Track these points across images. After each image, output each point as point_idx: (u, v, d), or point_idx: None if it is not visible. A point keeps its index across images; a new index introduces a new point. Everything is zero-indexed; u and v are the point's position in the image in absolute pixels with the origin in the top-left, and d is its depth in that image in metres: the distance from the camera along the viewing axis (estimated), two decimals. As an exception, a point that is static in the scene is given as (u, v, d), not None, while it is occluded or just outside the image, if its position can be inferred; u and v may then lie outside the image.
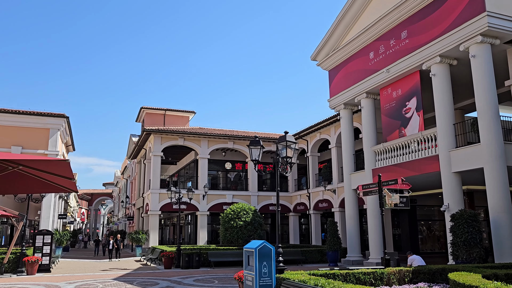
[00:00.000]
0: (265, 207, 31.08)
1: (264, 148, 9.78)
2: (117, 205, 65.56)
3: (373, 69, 19.25)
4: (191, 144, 29.97)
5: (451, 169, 15.07)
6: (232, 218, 23.71)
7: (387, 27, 18.35)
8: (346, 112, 21.84)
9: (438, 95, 15.79)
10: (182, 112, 38.99)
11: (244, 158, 32.53)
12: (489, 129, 13.75)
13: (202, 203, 29.32)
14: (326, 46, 22.35)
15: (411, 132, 17.28)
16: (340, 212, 24.84)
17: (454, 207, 14.81)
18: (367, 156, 19.73)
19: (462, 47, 14.76)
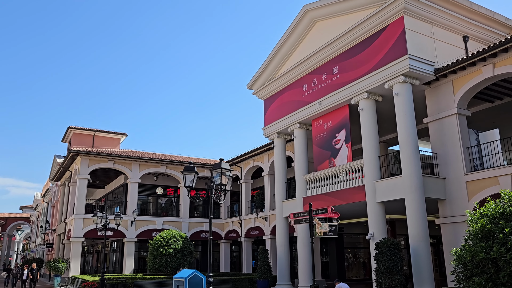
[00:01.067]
0: (196, 234, 30.48)
1: (198, 174, 9.69)
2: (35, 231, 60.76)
3: (306, 101, 20.04)
4: (121, 168, 28.87)
5: (376, 199, 15.90)
6: (161, 245, 22.94)
7: (319, 62, 19.30)
8: (280, 141, 22.38)
9: (365, 128, 16.75)
10: (113, 134, 37.55)
11: (177, 183, 31.90)
12: (409, 162, 14.77)
13: (130, 230, 28.10)
14: (262, 76, 22.96)
15: (340, 162, 18.06)
16: (271, 240, 25.01)
17: (378, 235, 15.55)
18: (299, 184, 20.24)
19: (387, 85, 15.89)
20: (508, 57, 13.81)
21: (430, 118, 16.10)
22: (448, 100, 15.56)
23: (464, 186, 14.64)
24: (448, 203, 15.11)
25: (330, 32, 18.69)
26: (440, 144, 15.65)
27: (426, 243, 14.14)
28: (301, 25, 20.35)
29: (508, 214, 7.34)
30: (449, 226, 14.86)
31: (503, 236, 6.94)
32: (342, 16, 18.36)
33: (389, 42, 15.86)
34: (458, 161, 14.96)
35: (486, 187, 14.00)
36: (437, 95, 16.02)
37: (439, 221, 15.24)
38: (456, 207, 14.80)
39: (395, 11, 15.53)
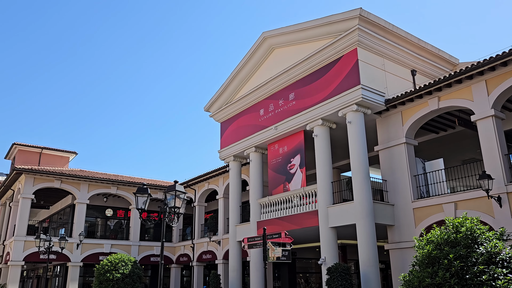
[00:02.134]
0: (146, 258, 29.49)
1: (151, 196, 9.47)
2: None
3: (263, 125, 20.27)
4: (69, 188, 27.63)
5: (328, 224, 16.15)
6: (108, 270, 21.90)
7: (277, 87, 19.69)
8: (235, 164, 22.37)
9: (319, 154, 17.13)
10: (62, 152, 35.96)
11: (128, 205, 30.92)
12: (361, 188, 15.20)
13: (75, 253, 26.73)
14: (220, 99, 23.06)
15: (294, 187, 18.27)
16: (224, 264, 24.63)
17: (330, 260, 15.73)
18: (253, 208, 20.22)
19: (341, 113, 16.42)
20: (452, 91, 14.74)
21: (381, 146, 16.74)
22: (397, 129, 16.28)
23: (411, 212, 15.22)
24: (396, 229, 15.61)
25: (287, 60, 19.18)
26: (389, 172, 16.26)
27: (376, 268, 14.46)
28: (260, 51, 20.76)
29: (452, 241, 7.68)
30: (397, 251, 15.31)
31: (448, 262, 7.24)
32: (299, 45, 18.93)
33: (343, 72, 16.49)
34: (406, 189, 15.57)
35: (431, 214, 14.63)
36: (387, 124, 16.73)
37: (388, 247, 15.67)
38: (404, 233, 15.31)
39: (349, 43, 16.24)
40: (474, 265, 7.08)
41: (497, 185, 12.90)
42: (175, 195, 9.02)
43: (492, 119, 13.54)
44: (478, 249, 7.29)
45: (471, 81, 14.15)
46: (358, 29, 15.82)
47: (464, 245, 7.44)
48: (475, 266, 7.06)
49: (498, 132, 13.47)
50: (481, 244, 7.40)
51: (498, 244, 7.32)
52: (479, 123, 13.86)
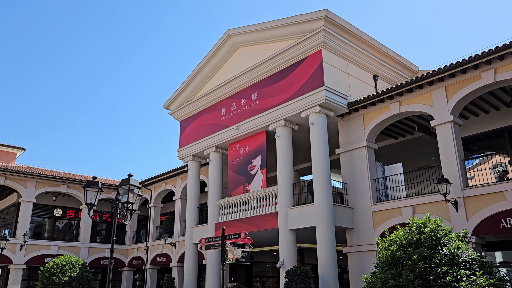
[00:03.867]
0: (96, 261, 28.08)
1: (102, 190, 8.77)
2: None
3: (224, 124, 19.80)
4: (14, 185, 25.88)
5: (288, 226, 15.88)
6: (54, 272, 20.58)
7: (239, 87, 19.30)
8: (194, 164, 21.74)
9: (281, 155, 16.87)
10: (8, 147, 33.76)
11: (78, 205, 29.39)
12: (322, 190, 15.04)
13: (18, 255, 25.01)
14: (180, 97, 22.38)
15: (254, 188, 17.91)
16: (179, 267, 23.82)
17: (288, 263, 15.44)
18: (211, 209, 19.65)
19: (303, 114, 16.25)
20: (412, 97, 14.92)
21: (342, 149, 16.71)
22: (359, 133, 16.31)
23: (371, 216, 15.23)
24: (355, 232, 15.56)
25: (251, 59, 18.85)
26: (350, 175, 16.23)
27: (335, 271, 14.31)
28: (223, 49, 20.32)
29: (415, 242, 7.54)
30: (356, 255, 15.26)
31: (412, 263, 7.07)
32: (264, 44, 18.66)
33: (307, 73, 16.35)
34: (365, 192, 15.58)
35: (390, 217, 14.68)
36: (349, 127, 16.73)
37: (347, 250, 15.60)
38: (362, 236, 15.29)
39: (314, 44, 16.12)
40: (438, 266, 6.96)
41: (454, 190, 13.10)
42: (128, 190, 8.37)
43: (450, 124, 13.78)
44: (441, 250, 7.19)
45: (431, 87, 14.38)
46: (324, 31, 15.75)
47: (428, 246, 7.31)
48: (438, 267, 6.94)
49: (456, 137, 13.72)
50: (444, 245, 7.30)
51: (461, 246, 7.24)
52: (438, 128, 14.07)
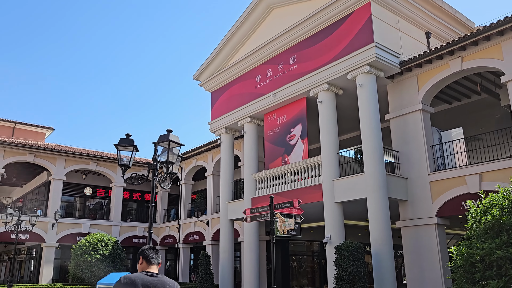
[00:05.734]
0: (128, 240, 27.53)
1: (138, 150, 7.58)
2: None
3: (259, 93, 18.41)
4: (43, 162, 25.36)
5: (334, 199, 14.51)
6: (86, 250, 20.01)
7: (276, 51, 17.81)
8: (227, 136, 20.50)
9: (324, 122, 15.40)
10: (37, 127, 33.54)
11: (108, 183, 28.79)
12: (373, 158, 13.56)
13: (50, 233, 24.60)
14: (211, 66, 21.05)
15: (294, 159, 16.56)
16: (213, 245, 22.92)
17: (336, 239, 14.13)
18: (247, 184, 18.45)
19: (350, 76, 14.67)
20: (477, 51, 13.12)
21: (393, 114, 15.10)
22: (412, 95, 14.64)
23: (428, 186, 13.67)
24: (410, 205, 14.06)
25: (288, 20, 17.27)
26: (402, 142, 14.65)
27: (390, 247, 12.92)
28: (257, 11, 18.78)
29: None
30: (411, 229, 13.79)
31: (526, 229, 5.59)
32: (301, 3, 17.04)
33: (354, 29, 14.70)
34: (421, 160, 14.00)
35: (451, 187, 13.10)
36: (400, 90, 15.07)
37: (400, 224, 14.14)
38: (419, 209, 13.78)
39: (362, -3, 14.42)
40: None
41: (531, 154, 11.40)
42: (168, 147, 7.13)
43: (525, 79, 11.98)
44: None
45: (501, 37, 12.54)
46: (373, -20, 14.02)
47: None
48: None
49: (532, 94, 11.93)
50: None
51: None
52: (510, 84, 12.28)
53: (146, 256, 3.72)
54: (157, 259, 3.75)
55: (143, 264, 3.72)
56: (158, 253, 3.79)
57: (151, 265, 3.69)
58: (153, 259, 3.72)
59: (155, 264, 3.72)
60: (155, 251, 3.77)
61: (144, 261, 3.72)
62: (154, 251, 3.77)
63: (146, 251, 3.74)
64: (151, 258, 3.71)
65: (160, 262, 3.80)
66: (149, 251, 3.74)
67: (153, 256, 3.73)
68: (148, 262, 3.70)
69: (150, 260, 3.71)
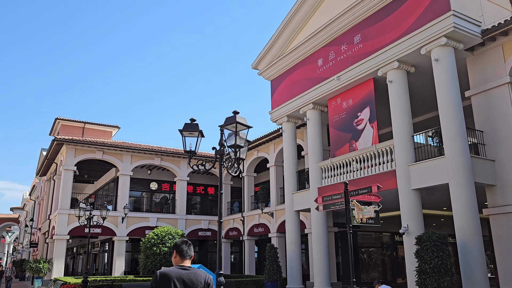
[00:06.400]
0: (193, 233, 27.82)
1: (204, 136, 7.12)
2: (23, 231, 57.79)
3: (322, 77, 17.51)
4: (111, 159, 26.19)
5: (411, 186, 13.35)
6: (155, 243, 20.30)
7: (338, 31, 16.80)
8: (289, 125, 19.80)
9: (395, 103, 14.22)
10: (104, 126, 34.85)
11: (172, 178, 29.25)
12: (454, 139, 12.24)
13: (120, 227, 25.40)
14: (269, 53, 20.41)
15: (363, 145, 15.52)
16: (279, 238, 22.42)
17: (414, 228, 12.99)
18: (313, 173, 17.66)
19: (424, 50, 13.37)
20: None
21: (474, 90, 13.61)
22: (498, 68, 13.07)
23: (521, 168, 12.13)
24: (500, 190, 12.58)
25: (350, -3, 16.18)
26: (487, 121, 13.16)
27: (479, 237, 11.60)
28: (316, -8, 17.84)
29: None
30: (502, 217, 12.33)
31: None
32: (365, -23, 15.86)
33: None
34: (510, 140, 12.45)
35: (550, 168, 11.49)
36: (482, 63, 13.53)
37: (488, 212, 12.70)
38: (509, 194, 12.28)
39: (435, -38, 13.05)
40: None
41: None
42: (236, 130, 6.58)
43: None
44: None
45: None
46: None
47: None
48: None
49: None
50: None
51: None
52: None
53: (180, 250, 3.84)
54: (189, 253, 3.87)
55: (177, 258, 3.85)
56: (190, 247, 3.90)
57: (184, 259, 3.83)
58: (185, 253, 3.84)
59: (187, 258, 3.85)
60: (188, 245, 3.88)
61: (178, 255, 3.84)
62: (187, 245, 3.87)
63: (180, 245, 3.86)
64: (184, 252, 3.84)
65: (192, 255, 3.91)
66: (182, 245, 3.85)
67: (186, 250, 3.85)
68: (181, 256, 3.84)
69: (183, 254, 3.84)
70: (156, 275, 3.68)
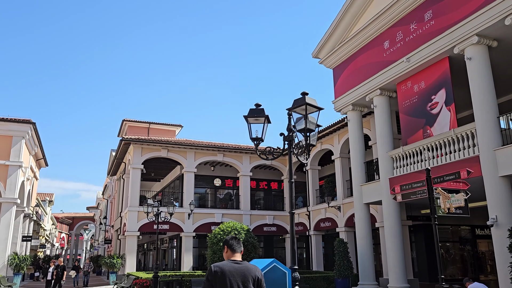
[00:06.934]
0: (258, 228, 27.59)
1: (270, 122, 6.62)
2: (98, 229, 61.27)
3: (389, 60, 16.38)
4: (175, 156, 26.63)
5: (498, 173, 11.98)
6: (221, 238, 20.20)
7: (405, 10, 15.60)
8: (355, 114, 18.82)
9: (476, 82, 12.86)
10: (168, 126, 35.75)
11: (235, 173, 29.22)
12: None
13: (187, 223, 25.76)
14: (330, 40, 19.54)
15: (439, 130, 14.25)
16: (347, 232, 21.53)
17: (504, 219, 11.64)
18: (383, 163, 16.61)
19: (509, 21, 11.93)
20: None
21: None
22: None
23: None
24: None
25: (418, -30, 14.92)
26: None
27: None
28: (379, -30, 16.72)
29: None
30: None
31: None
32: None
33: (509, -37, 11.88)
34: None
35: None
36: None
37: None
38: None
39: None
40: None
41: None
42: (305, 113, 6.01)
43: None
44: None
45: None
46: None
47: None
48: None
49: None
50: None
51: None
52: None
53: (230, 245, 4.02)
54: (239, 247, 4.04)
55: (228, 253, 4.01)
56: (240, 242, 4.07)
57: (235, 253, 4.00)
58: (236, 247, 4.02)
59: (238, 252, 4.01)
60: (237, 241, 4.05)
61: (229, 250, 4.01)
62: (237, 240, 4.05)
63: (230, 240, 4.04)
64: (234, 247, 4.01)
65: (242, 250, 4.06)
66: (232, 241, 4.03)
67: (236, 245, 4.03)
68: (232, 251, 4.00)
69: (234, 249, 4.01)
70: (210, 269, 3.85)
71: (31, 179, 28.24)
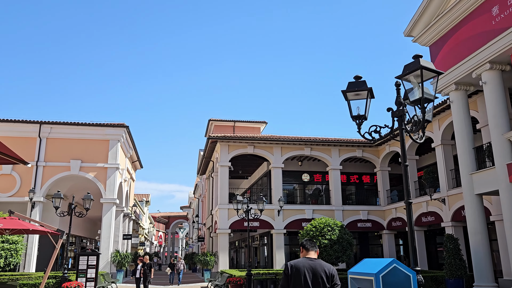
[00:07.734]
0: (352, 224, 26.13)
1: (373, 97, 5.56)
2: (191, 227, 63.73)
3: (500, 28, 14.15)
4: (262, 152, 26.22)
5: None
6: (314, 236, 19.26)
7: (518, -34, 13.31)
8: (459, 94, 16.69)
9: None
10: (253, 123, 35.61)
11: (324, 168, 28.04)
12: None
13: (277, 220, 25.20)
14: (425, 15, 17.57)
15: None
16: (454, 227, 19.31)
17: None
18: (497, 147, 14.41)
19: None
20: None
21: None
22: None
23: None
24: None
25: None
26: None
27: None
28: None
29: None
30: None
31: None
32: None
33: None
34: None
35: None
36: None
37: None
38: None
39: None
40: None
41: None
42: (421, 79, 4.85)
43: None
44: None
45: None
46: None
47: None
48: None
49: None
50: None
51: None
52: None
53: (304, 245, 4.67)
54: (313, 247, 4.65)
55: (303, 252, 4.64)
56: (314, 243, 4.67)
57: (309, 252, 4.60)
58: (309, 247, 4.64)
59: (311, 251, 4.62)
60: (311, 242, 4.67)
61: (304, 250, 4.65)
62: (310, 241, 4.66)
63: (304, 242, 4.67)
64: (308, 246, 4.65)
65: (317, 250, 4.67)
66: (307, 241, 4.67)
67: (309, 245, 4.66)
68: (306, 250, 4.63)
69: (307, 248, 4.64)
70: (287, 265, 4.46)
71: (128, 180, 29.76)
